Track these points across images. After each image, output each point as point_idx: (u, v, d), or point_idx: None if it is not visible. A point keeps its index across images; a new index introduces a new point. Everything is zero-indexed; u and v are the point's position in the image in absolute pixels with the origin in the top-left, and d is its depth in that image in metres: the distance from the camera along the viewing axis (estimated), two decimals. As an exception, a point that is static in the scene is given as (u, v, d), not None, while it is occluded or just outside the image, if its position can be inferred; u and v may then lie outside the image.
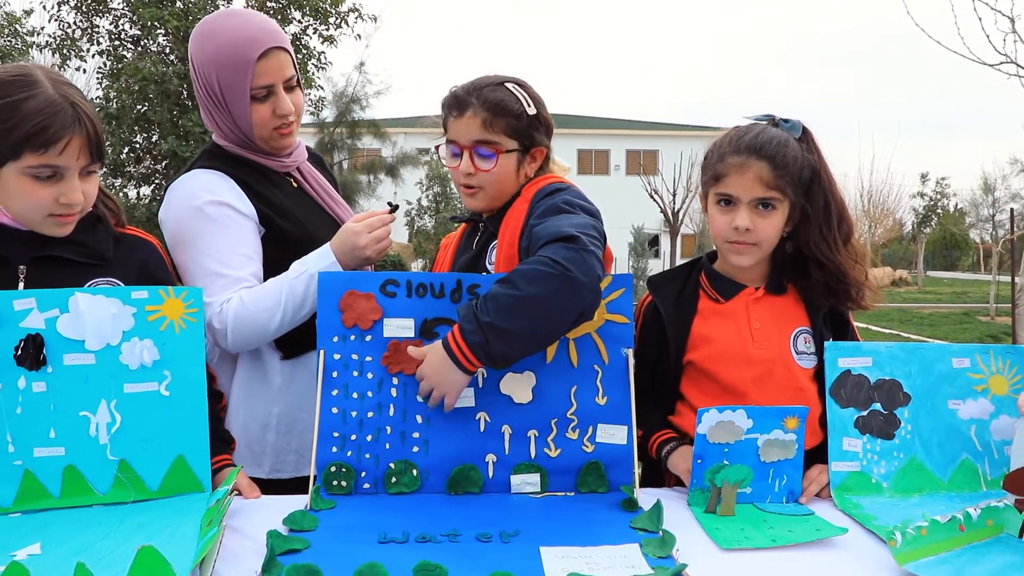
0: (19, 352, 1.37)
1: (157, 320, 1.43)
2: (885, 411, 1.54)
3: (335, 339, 1.52)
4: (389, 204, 1.77)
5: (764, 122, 1.63)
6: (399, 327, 1.53)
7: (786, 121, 1.61)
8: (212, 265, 1.67)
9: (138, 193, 12.95)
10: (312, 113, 15.11)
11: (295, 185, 1.90)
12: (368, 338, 1.52)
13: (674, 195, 22.36)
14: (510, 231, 1.62)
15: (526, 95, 1.65)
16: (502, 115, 1.61)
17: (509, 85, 1.65)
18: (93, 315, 1.40)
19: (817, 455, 1.55)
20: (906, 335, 12.36)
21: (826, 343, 1.56)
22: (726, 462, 1.42)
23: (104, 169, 1.57)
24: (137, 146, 12.78)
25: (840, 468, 1.51)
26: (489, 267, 1.67)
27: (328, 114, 16.13)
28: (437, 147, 1.71)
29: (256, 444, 1.79)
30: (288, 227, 1.78)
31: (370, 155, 18.59)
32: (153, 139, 12.64)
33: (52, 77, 1.41)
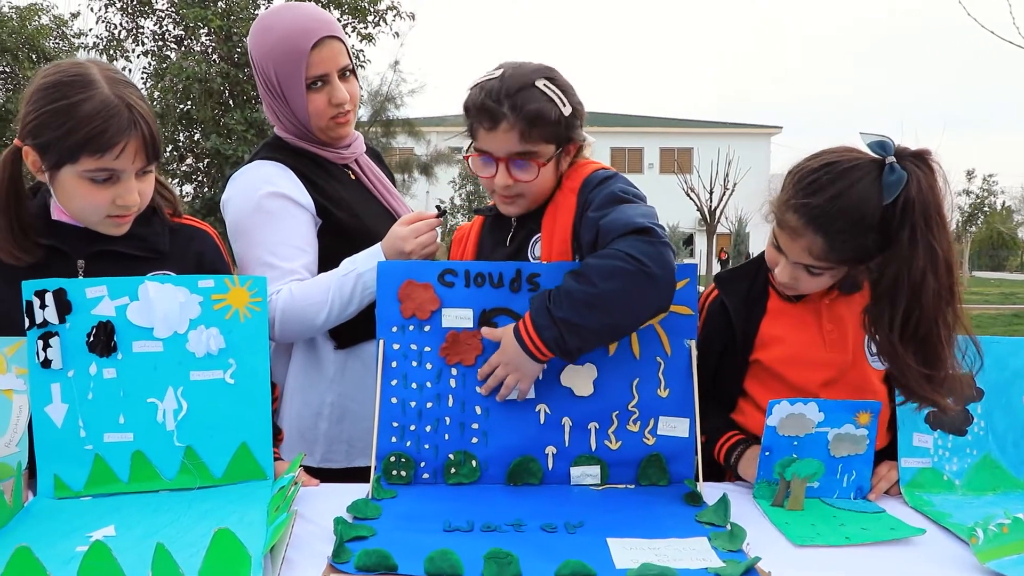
0: (91, 339, 1.39)
1: (223, 309, 1.44)
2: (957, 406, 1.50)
3: (394, 329, 1.52)
4: (438, 208, 1.76)
5: (869, 160, 1.39)
6: (457, 317, 1.52)
7: (892, 170, 1.34)
8: (265, 256, 1.70)
9: (181, 191, 13.20)
10: (348, 111, 15.24)
11: (353, 177, 1.92)
12: (427, 328, 1.52)
13: (711, 193, 22.15)
14: (560, 225, 1.58)
15: (558, 91, 1.52)
16: (540, 125, 1.49)
17: (540, 84, 1.50)
18: (162, 303, 1.42)
19: (883, 458, 1.51)
20: (951, 336, 12.06)
21: (896, 337, 1.51)
22: (795, 456, 1.39)
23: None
24: (180, 144, 13.03)
25: (910, 464, 1.47)
26: (533, 262, 1.62)
27: (363, 113, 16.26)
28: (467, 156, 1.61)
29: (308, 433, 1.81)
30: (345, 218, 1.80)
31: (404, 154, 18.70)
32: (196, 137, 12.87)
33: (108, 76, 1.39)
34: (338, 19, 13.60)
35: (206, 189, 12.80)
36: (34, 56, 15.92)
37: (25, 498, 1.35)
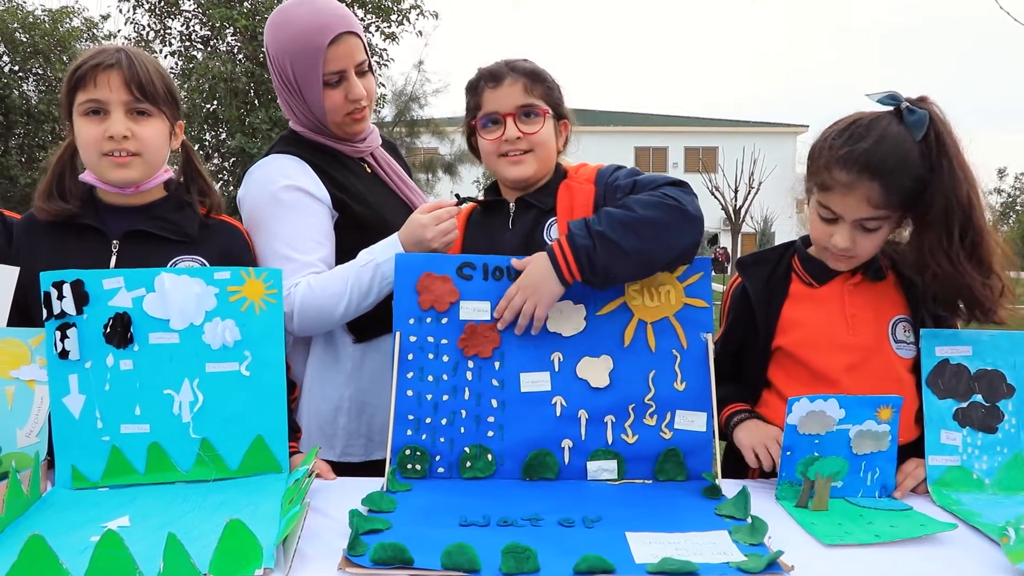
0: (108, 330, 1.40)
1: (238, 301, 1.44)
2: (987, 403, 1.45)
3: (411, 321, 1.51)
4: (456, 196, 1.76)
5: (886, 111, 1.45)
6: (475, 310, 1.51)
7: (912, 112, 1.41)
8: (283, 249, 1.68)
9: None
10: (374, 111, 15.34)
11: (369, 171, 1.91)
12: (444, 320, 1.51)
13: (736, 192, 21.99)
14: (579, 209, 1.60)
15: (543, 68, 1.71)
16: (539, 81, 1.66)
17: (533, 63, 1.70)
18: (178, 295, 1.42)
19: (911, 452, 1.47)
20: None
21: (922, 331, 1.48)
22: (816, 454, 1.35)
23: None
24: (206, 144, 13.17)
25: (938, 462, 1.43)
26: (550, 244, 1.61)
27: (387, 112, 16.31)
28: (474, 122, 1.70)
29: (327, 427, 1.80)
30: (361, 211, 1.78)
31: (428, 153, 18.73)
32: (221, 137, 13.00)
33: (129, 47, 1.55)
34: (361, 19, 13.76)
35: (232, 188, 12.92)
36: (65, 58, 16.17)
37: (44, 488, 1.36)
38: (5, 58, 16.28)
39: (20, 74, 16.52)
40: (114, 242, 1.53)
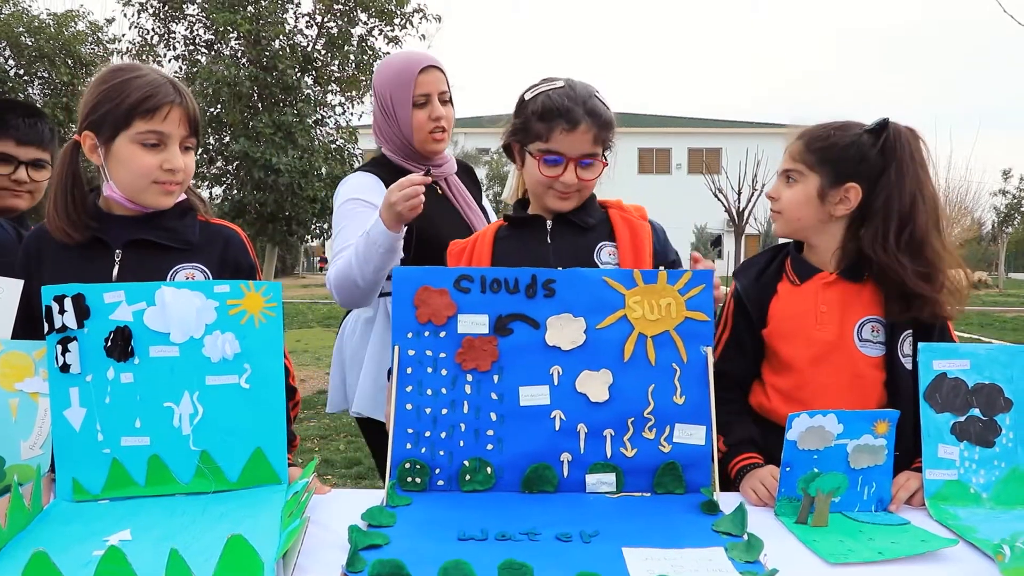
0: (108, 344, 1.41)
1: (238, 314, 1.45)
2: (984, 417, 1.46)
3: (409, 335, 1.51)
4: (424, 166, 2.10)
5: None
6: (473, 323, 1.52)
7: (879, 120, 1.63)
8: (343, 243, 2.08)
9: (211, 193, 13.36)
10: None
11: (440, 192, 2.26)
12: (442, 334, 1.51)
13: (739, 193, 21.94)
14: (640, 244, 1.75)
15: (608, 105, 1.76)
16: (606, 131, 1.72)
17: (599, 96, 1.74)
18: (178, 308, 1.42)
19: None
20: (987, 340, 11.80)
21: (920, 344, 1.48)
22: (816, 469, 1.36)
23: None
24: (210, 147, 13.21)
25: (935, 476, 1.43)
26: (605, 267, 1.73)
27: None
28: (538, 155, 1.72)
29: (375, 383, 2.16)
30: (418, 224, 2.00)
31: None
32: (225, 140, 13.02)
33: (154, 68, 1.62)
34: (364, 23, 13.77)
35: (235, 191, 12.94)
36: (70, 62, 16.21)
37: (46, 500, 1.37)
38: (11, 62, 16.34)
39: (25, 78, 16.57)
40: (117, 252, 1.55)
